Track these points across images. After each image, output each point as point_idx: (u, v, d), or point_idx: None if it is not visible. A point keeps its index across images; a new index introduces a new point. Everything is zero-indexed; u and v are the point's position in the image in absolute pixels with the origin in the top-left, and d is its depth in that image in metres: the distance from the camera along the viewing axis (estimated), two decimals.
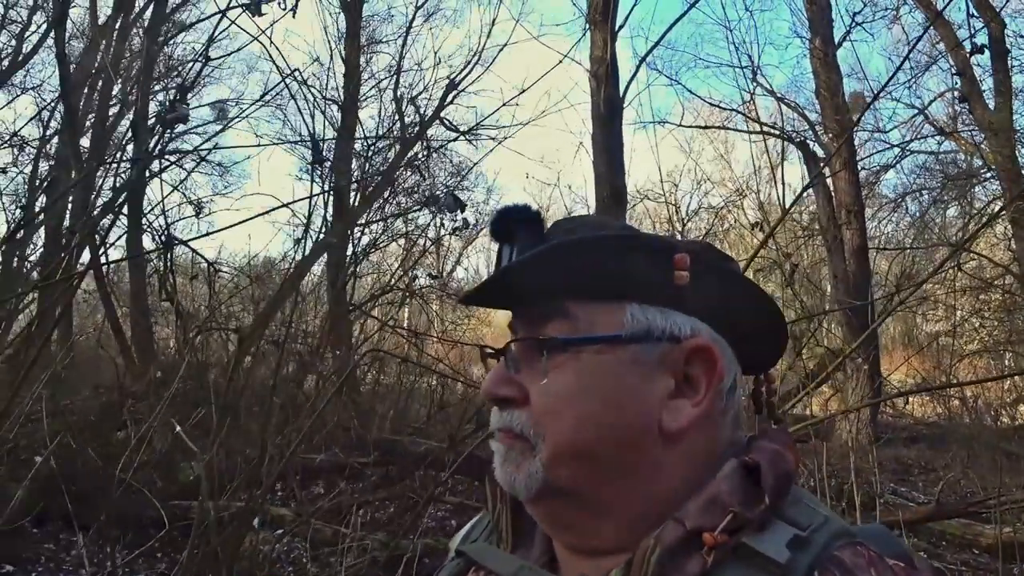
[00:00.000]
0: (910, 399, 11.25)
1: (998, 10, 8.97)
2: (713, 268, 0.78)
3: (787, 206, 12.91)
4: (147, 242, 10.23)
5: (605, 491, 0.75)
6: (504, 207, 0.80)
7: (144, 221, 10.13)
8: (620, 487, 0.74)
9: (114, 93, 10.77)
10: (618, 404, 0.74)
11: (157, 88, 9.57)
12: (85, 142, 9.99)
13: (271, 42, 4.02)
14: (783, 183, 16.61)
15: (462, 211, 3.91)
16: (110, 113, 10.96)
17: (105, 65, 9.35)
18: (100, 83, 10.46)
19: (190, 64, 10.89)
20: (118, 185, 8.64)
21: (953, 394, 10.13)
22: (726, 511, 0.69)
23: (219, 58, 11.20)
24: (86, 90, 10.41)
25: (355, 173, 11.41)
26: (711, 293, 0.77)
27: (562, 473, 0.74)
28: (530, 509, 0.79)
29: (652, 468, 0.75)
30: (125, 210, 9.23)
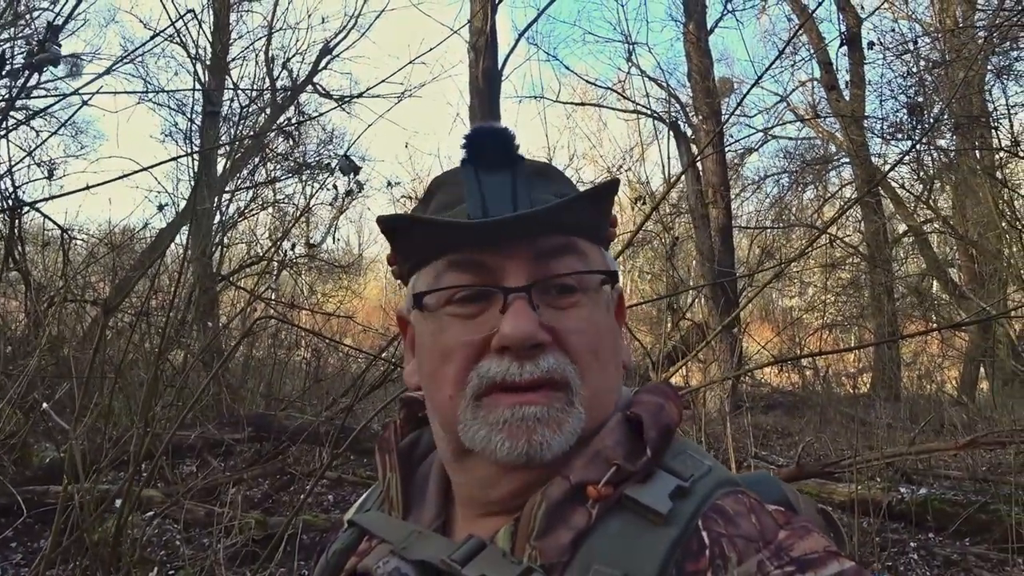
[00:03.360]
0: (767, 369, 11.98)
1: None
2: None
3: (671, 181, 13.36)
4: None
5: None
6: (489, 129, 0.73)
7: None
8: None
9: None
10: (617, 338, 0.80)
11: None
12: None
13: None
14: (667, 160, 17.10)
15: (356, 174, 3.80)
16: None
17: None
18: None
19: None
20: None
21: (806, 364, 10.87)
22: (610, 464, 0.70)
23: None
24: None
25: (223, 136, 10.88)
26: None
27: (594, 415, 0.73)
28: (515, 475, 0.72)
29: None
30: None
